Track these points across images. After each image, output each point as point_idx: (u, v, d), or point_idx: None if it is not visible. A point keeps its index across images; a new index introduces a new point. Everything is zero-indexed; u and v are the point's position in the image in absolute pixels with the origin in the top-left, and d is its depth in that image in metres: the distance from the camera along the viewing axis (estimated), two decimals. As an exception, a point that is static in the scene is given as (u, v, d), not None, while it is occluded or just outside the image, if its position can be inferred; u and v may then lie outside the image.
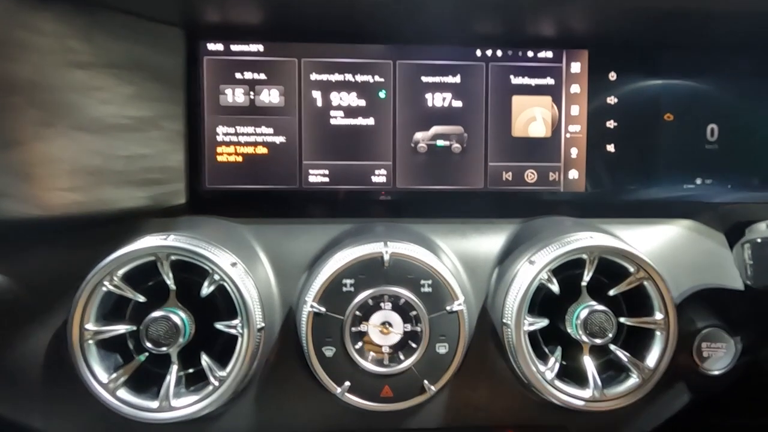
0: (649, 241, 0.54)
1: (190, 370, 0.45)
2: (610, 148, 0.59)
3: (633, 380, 0.45)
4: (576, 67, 0.58)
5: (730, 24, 0.53)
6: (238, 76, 0.56)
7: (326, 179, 0.57)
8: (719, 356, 0.48)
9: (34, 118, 0.43)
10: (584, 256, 0.45)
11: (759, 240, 0.43)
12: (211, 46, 0.56)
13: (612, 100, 0.59)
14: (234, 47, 0.56)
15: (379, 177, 0.58)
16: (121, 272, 0.43)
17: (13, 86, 0.41)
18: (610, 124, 0.59)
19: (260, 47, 0.56)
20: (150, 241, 0.43)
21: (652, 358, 0.45)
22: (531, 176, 0.59)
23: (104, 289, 0.42)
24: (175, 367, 0.43)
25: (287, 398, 0.47)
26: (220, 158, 0.56)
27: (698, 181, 0.59)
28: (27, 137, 0.42)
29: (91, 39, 0.46)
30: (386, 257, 0.44)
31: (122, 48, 0.48)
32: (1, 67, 0.41)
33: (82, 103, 0.45)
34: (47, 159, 0.44)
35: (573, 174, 0.59)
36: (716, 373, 0.48)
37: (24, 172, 0.43)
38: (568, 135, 0.59)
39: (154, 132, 0.51)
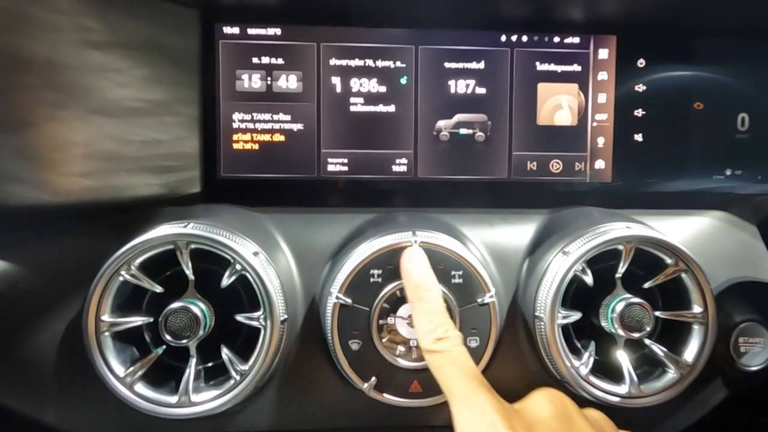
0: (679, 233, 0.52)
1: (210, 364, 0.44)
2: (638, 137, 0.57)
3: (670, 375, 0.44)
4: (604, 53, 0.57)
5: (762, 9, 0.52)
6: (255, 60, 0.54)
7: (345, 168, 0.55)
8: (757, 351, 0.46)
9: (48, 99, 0.41)
10: (620, 247, 0.43)
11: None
12: (227, 30, 0.54)
13: (640, 87, 0.57)
14: (251, 31, 0.54)
15: (400, 166, 0.56)
16: (138, 261, 0.41)
17: (28, 64, 0.39)
18: (638, 112, 0.57)
19: (278, 31, 0.54)
20: (169, 228, 0.41)
21: (690, 353, 0.44)
22: (556, 166, 0.57)
23: (121, 278, 0.41)
24: (194, 361, 0.41)
25: (311, 393, 0.45)
26: (236, 146, 0.54)
27: (728, 171, 0.58)
28: (41, 119, 0.40)
29: (106, 18, 0.44)
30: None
31: (137, 28, 0.46)
32: (17, 43, 0.39)
33: (98, 84, 0.43)
34: (61, 142, 0.42)
35: (599, 164, 0.57)
36: (754, 369, 0.46)
37: (37, 155, 0.41)
38: (594, 123, 0.57)
39: (169, 117, 0.50)
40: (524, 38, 0.56)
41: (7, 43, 0.39)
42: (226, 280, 0.42)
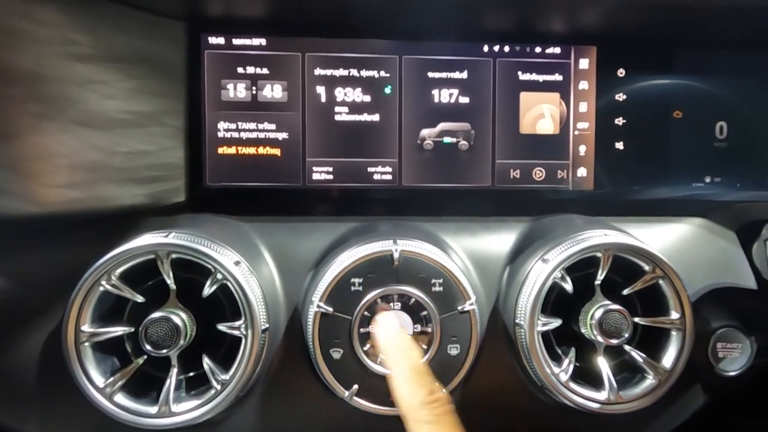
0: (660, 240, 0.53)
1: (191, 374, 0.44)
2: (619, 145, 0.58)
3: (649, 381, 0.44)
4: (584, 63, 0.58)
5: (739, 21, 0.53)
6: (240, 70, 0.55)
7: (331, 177, 0.56)
8: (735, 357, 0.47)
9: (33, 111, 0.41)
10: (599, 254, 0.44)
11: (780, 236, 0.42)
12: (213, 40, 0.54)
13: (621, 96, 0.58)
14: (236, 41, 0.55)
15: (385, 174, 0.56)
16: (119, 271, 0.41)
17: (12, 77, 0.40)
18: (619, 121, 0.58)
19: (263, 41, 0.55)
20: (149, 238, 0.41)
21: (668, 359, 0.44)
22: (539, 174, 0.58)
23: (101, 288, 0.41)
24: (175, 371, 0.41)
25: (293, 402, 0.45)
26: (221, 155, 0.55)
27: (707, 179, 0.59)
28: (25, 130, 0.41)
29: (93, 31, 0.44)
30: (396, 255, 0.42)
31: (124, 41, 0.47)
32: (1, 56, 0.39)
33: (83, 96, 0.44)
34: (45, 154, 0.42)
35: (581, 172, 0.58)
36: (732, 373, 0.47)
37: (21, 167, 0.41)
38: (576, 132, 0.58)
39: (155, 128, 0.50)
40: (506, 48, 0.57)
41: (-11, 55, 0.39)
42: (208, 290, 0.42)
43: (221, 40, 0.54)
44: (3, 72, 0.40)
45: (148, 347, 0.39)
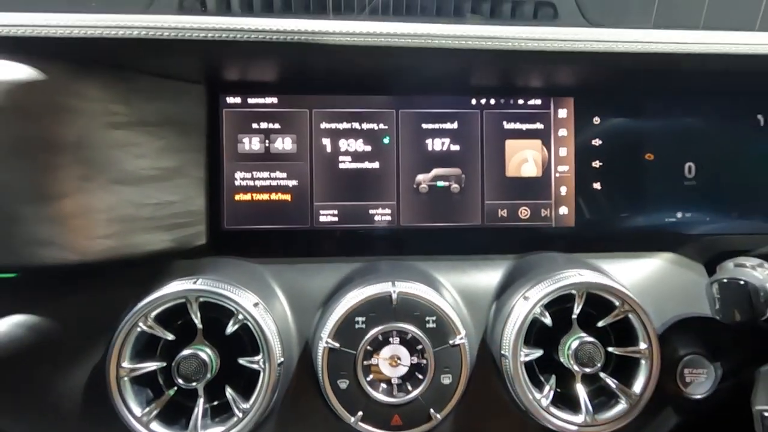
0: (633, 274, 0.58)
1: (215, 403, 0.49)
2: (597, 185, 0.64)
3: (621, 406, 0.49)
4: (563, 112, 0.64)
5: (705, 76, 0.59)
6: (254, 125, 0.61)
7: (336, 218, 0.62)
8: (701, 381, 0.52)
9: (77, 174, 0.47)
10: (573, 292, 0.50)
11: (725, 280, 0.47)
12: (230, 100, 0.61)
13: (597, 141, 0.64)
14: (251, 100, 0.61)
15: (384, 216, 0.62)
16: (154, 314, 0.47)
17: (62, 147, 0.46)
18: (596, 163, 0.64)
19: (275, 99, 0.61)
20: (181, 285, 0.47)
21: (638, 385, 0.49)
22: (524, 213, 0.64)
23: (138, 329, 0.47)
24: (201, 401, 0.47)
25: (305, 428, 0.51)
26: (237, 201, 0.61)
27: (679, 215, 0.64)
28: (71, 191, 0.47)
29: (128, 101, 0.51)
30: (394, 296, 0.48)
31: (154, 107, 0.53)
32: (53, 130, 0.46)
33: (120, 158, 0.50)
34: (87, 210, 0.48)
35: (563, 210, 0.64)
36: (699, 397, 0.52)
37: (67, 222, 0.47)
38: (557, 174, 0.64)
39: (180, 180, 0.56)
40: (492, 101, 0.63)
41: (45, 130, 0.46)
42: (231, 328, 0.48)
43: (238, 100, 0.61)
44: (54, 143, 0.46)
45: (180, 381, 0.45)
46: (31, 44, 0.45)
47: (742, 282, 0.47)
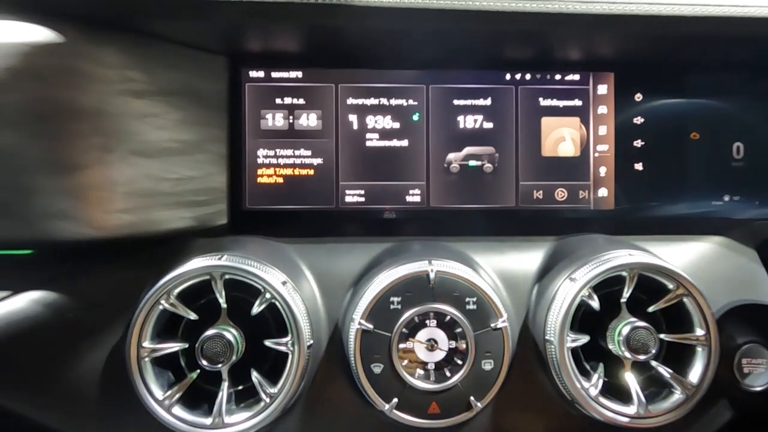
0: (681, 258, 0.55)
1: (240, 387, 0.46)
2: (638, 166, 0.60)
3: (677, 396, 0.46)
4: (602, 89, 0.60)
5: (749, 46, 0.55)
6: (278, 101, 0.58)
7: (362, 199, 0.59)
8: (760, 372, 0.48)
9: (97, 144, 0.45)
10: (624, 273, 0.46)
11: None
12: (253, 74, 0.58)
13: (638, 120, 0.60)
14: (274, 74, 0.59)
15: (414, 196, 0.59)
16: (176, 291, 0.44)
17: (80, 114, 0.44)
18: (638, 143, 0.60)
19: (299, 74, 0.59)
20: (205, 260, 0.44)
21: (694, 374, 0.46)
22: (561, 194, 0.60)
23: (160, 307, 0.44)
24: (226, 384, 0.44)
25: (335, 414, 0.48)
26: (260, 180, 0.58)
27: (726, 197, 0.60)
28: (90, 162, 0.45)
29: (147, 69, 0.48)
30: (432, 275, 0.45)
31: (173, 76, 0.51)
32: (70, 95, 0.43)
33: (139, 129, 0.48)
34: (106, 182, 0.46)
35: (602, 192, 0.61)
36: (758, 389, 0.48)
37: (85, 195, 0.45)
38: (596, 154, 0.60)
39: (200, 155, 0.54)
40: (527, 76, 0.60)
41: (61, 96, 0.44)
42: (257, 308, 0.45)
43: (261, 74, 0.58)
44: (71, 110, 0.44)
45: (204, 362, 0.42)
46: (46, 5, 0.42)
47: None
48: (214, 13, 0.45)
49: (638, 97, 0.60)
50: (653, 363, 0.47)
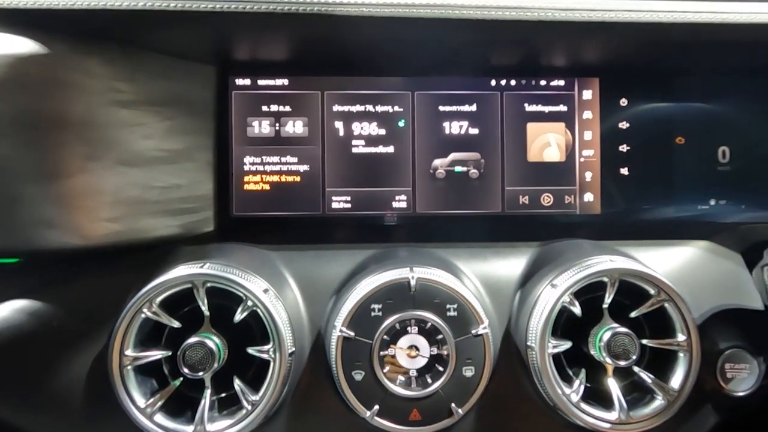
0: (666, 263, 0.55)
1: (222, 395, 0.47)
2: (624, 171, 0.61)
3: (658, 402, 0.46)
4: (587, 94, 0.61)
5: (736, 50, 0.55)
6: (264, 108, 0.59)
7: (348, 205, 0.59)
8: (743, 377, 0.48)
9: (81, 153, 0.45)
10: (605, 279, 0.46)
11: (778, 262, 0.44)
12: (240, 81, 0.59)
13: (624, 124, 0.61)
14: (261, 82, 0.59)
15: (400, 202, 0.60)
16: (159, 299, 0.45)
17: (66, 123, 0.44)
18: (623, 147, 0.61)
19: (285, 81, 0.59)
20: (187, 269, 0.45)
21: (676, 380, 0.46)
22: (547, 200, 0.60)
23: (143, 315, 0.44)
24: (208, 392, 0.44)
25: (317, 421, 0.48)
26: (247, 187, 0.59)
27: (712, 202, 0.60)
28: (74, 170, 0.45)
29: (134, 79, 0.49)
30: (413, 282, 0.45)
31: (160, 86, 0.51)
32: (56, 105, 0.44)
33: (125, 138, 0.48)
34: (92, 191, 0.46)
35: (588, 197, 0.61)
36: (741, 394, 0.48)
37: (70, 203, 0.45)
38: (582, 159, 0.61)
39: (187, 163, 0.54)
40: (513, 82, 0.60)
41: (48, 105, 0.44)
42: (239, 316, 0.46)
43: (247, 81, 0.59)
44: (57, 119, 0.45)
45: (186, 370, 0.43)
46: (34, 17, 0.43)
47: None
48: (202, 23, 0.46)
49: (623, 102, 0.61)
50: (635, 368, 0.47)
